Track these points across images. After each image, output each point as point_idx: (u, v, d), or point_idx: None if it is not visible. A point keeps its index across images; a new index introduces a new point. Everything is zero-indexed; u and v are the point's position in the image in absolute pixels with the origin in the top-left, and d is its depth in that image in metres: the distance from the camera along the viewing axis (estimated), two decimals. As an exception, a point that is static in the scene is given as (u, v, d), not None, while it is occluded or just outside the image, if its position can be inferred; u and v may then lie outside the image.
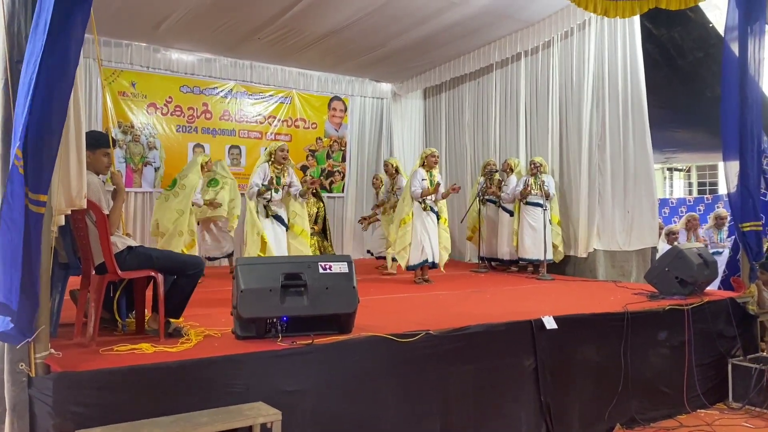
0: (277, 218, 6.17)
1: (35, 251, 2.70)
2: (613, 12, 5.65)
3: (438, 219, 6.97)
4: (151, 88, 8.86)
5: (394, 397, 3.59)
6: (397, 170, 8.04)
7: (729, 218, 8.25)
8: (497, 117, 9.25)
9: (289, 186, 6.23)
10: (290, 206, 6.33)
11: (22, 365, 2.73)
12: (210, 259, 7.57)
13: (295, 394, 3.24)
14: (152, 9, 7.30)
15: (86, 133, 3.83)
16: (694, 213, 8.95)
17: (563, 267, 7.92)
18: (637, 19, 6.98)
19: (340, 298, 3.59)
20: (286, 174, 6.23)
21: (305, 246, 6.25)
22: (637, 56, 7.16)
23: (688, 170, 18.02)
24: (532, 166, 7.83)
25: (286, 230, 6.23)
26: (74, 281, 3.96)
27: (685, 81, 8.93)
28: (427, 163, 6.95)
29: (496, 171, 8.51)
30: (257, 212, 6.12)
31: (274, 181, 6.10)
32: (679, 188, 18.21)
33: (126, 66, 8.64)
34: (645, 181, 7.21)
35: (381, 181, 8.55)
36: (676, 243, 7.90)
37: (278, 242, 6.09)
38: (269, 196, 6.10)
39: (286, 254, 6.05)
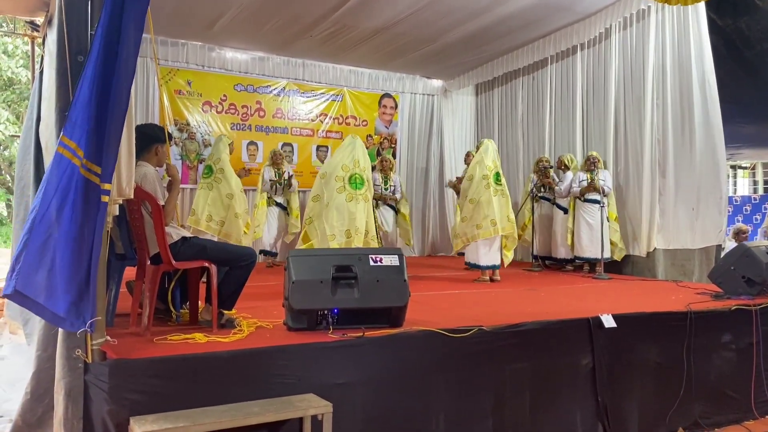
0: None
1: (97, 240, 2.71)
2: (675, -1, 5.42)
3: None
4: (206, 87, 9.01)
5: (446, 392, 3.52)
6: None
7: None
8: (552, 112, 9.02)
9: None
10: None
11: (78, 351, 2.77)
12: None
13: (345, 387, 3.22)
14: (206, 8, 7.41)
15: (146, 126, 3.92)
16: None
17: (620, 266, 7.65)
18: (702, 6, 6.69)
19: (391, 291, 3.54)
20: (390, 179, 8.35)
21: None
22: (704, 46, 6.84)
23: (753, 168, 17.26)
24: (589, 161, 7.62)
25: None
26: (130, 273, 4.03)
27: (751, 73, 8.51)
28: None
29: (550, 167, 8.31)
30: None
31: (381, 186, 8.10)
32: (742, 186, 17.46)
33: (182, 65, 8.80)
34: (713, 176, 6.86)
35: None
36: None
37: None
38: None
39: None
